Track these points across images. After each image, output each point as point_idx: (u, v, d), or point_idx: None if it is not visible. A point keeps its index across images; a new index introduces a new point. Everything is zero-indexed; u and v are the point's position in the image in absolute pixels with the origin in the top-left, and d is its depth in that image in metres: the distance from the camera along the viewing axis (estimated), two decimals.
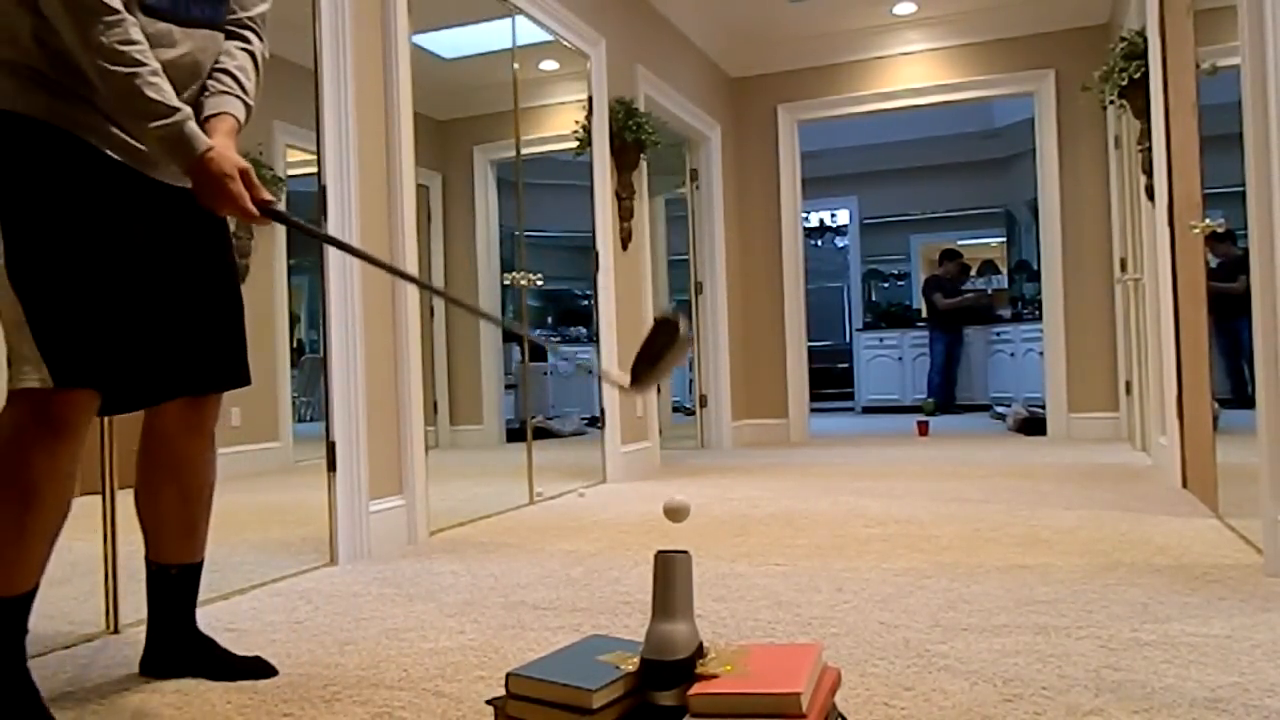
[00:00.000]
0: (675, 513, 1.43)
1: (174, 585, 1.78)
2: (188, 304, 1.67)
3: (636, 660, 1.34)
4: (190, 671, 1.77)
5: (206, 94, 1.68)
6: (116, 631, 2.10)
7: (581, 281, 5.46)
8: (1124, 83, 4.22)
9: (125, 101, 1.49)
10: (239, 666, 1.78)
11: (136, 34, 1.49)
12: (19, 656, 1.51)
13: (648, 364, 1.43)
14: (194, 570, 1.81)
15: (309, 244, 2.90)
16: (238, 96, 1.71)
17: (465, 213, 5.23)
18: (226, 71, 1.71)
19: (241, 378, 1.78)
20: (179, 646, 1.79)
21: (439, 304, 5.16)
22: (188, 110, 1.53)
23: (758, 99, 6.81)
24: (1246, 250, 2.44)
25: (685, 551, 1.35)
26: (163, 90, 1.50)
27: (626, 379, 1.46)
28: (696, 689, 1.27)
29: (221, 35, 1.72)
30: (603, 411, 4.75)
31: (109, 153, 1.58)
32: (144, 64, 1.48)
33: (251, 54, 1.77)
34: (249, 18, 1.77)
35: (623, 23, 5.15)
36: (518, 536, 3.20)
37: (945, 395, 9.17)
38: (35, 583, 1.52)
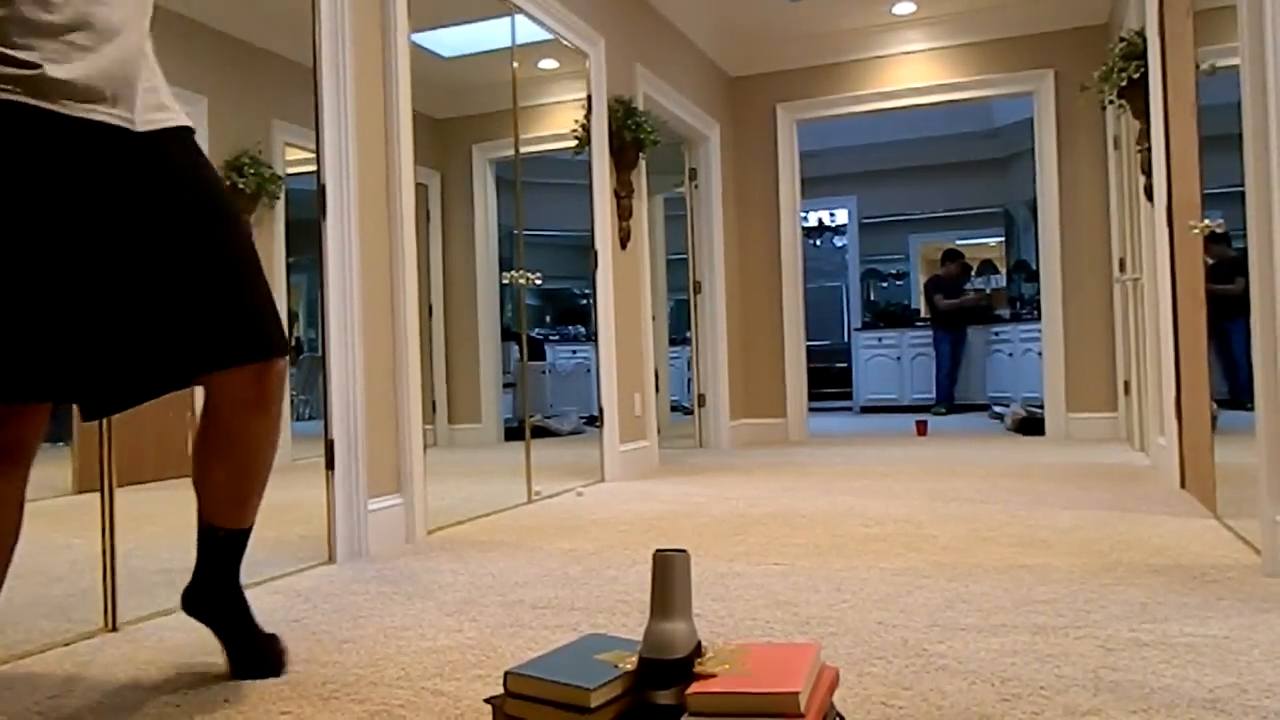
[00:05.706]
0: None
1: (221, 545, 1.74)
2: (171, 274, 1.49)
3: (634, 659, 1.34)
4: (216, 627, 1.74)
5: None
6: (115, 629, 2.10)
7: (580, 280, 5.46)
8: (1123, 83, 4.22)
9: None
10: (255, 645, 1.75)
11: None
12: None
13: None
14: (242, 535, 1.76)
15: (308, 242, 2.90)
16: None
17: (464, 212, 5.23)
18: None
19: (272, 345, 1.60)
20: (216, 596, 1.74)
21: (437, 302, 5.15)
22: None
23: (757, 98, 6.81)
24: (1240, 251, 2.44)
25: (683, 550, 1.35)
26: None
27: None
28: (694, 688, 1.27)
29: None
30: (601, 410, 4.75)
31: (45, 105, 1.36)
32: None
33: None
34: None
35: (622, 22, 5.15)
36: (516, 535, 3.20)
37: (949, 395, 9.19)
38: None
